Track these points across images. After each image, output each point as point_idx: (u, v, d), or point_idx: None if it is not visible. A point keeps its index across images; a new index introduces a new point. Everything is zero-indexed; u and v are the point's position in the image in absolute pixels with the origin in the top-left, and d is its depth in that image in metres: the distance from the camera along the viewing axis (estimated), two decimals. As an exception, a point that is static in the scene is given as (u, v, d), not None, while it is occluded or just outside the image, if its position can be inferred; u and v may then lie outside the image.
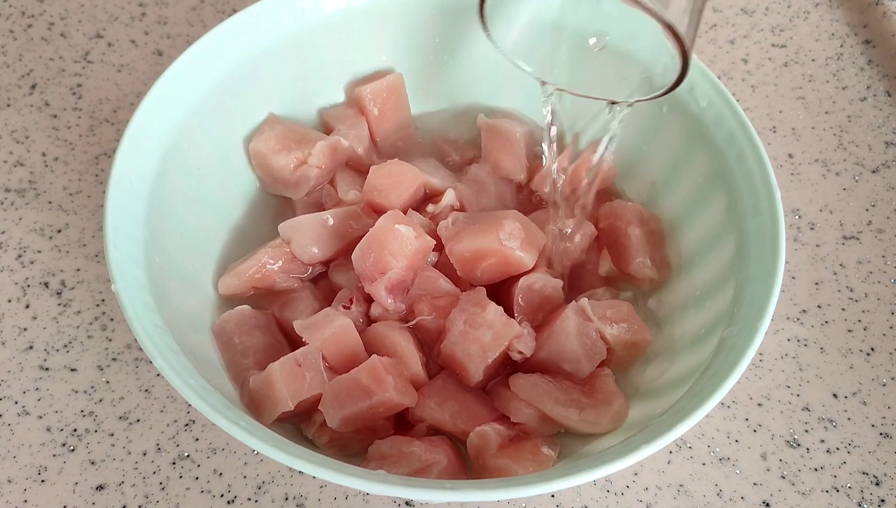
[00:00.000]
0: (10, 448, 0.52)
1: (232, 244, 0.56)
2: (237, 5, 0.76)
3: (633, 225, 0.55)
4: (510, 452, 0.47)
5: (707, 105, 0.53)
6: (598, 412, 0.48)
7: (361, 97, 0.60)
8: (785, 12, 0.78)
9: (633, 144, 0.60)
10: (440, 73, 0.64)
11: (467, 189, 0.56)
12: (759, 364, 0.57)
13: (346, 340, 0.48)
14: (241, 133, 0.58)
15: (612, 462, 0.38)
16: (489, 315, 0.48)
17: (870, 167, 0.67)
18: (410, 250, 0.49)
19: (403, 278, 0.50)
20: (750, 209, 0.49)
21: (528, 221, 0.52)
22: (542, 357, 0.50)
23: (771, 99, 0.72)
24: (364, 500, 0.51)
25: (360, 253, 0.49)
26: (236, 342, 0.50)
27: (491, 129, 0.59)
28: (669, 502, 0.51)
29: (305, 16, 0.56)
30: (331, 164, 0.57)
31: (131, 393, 0.54)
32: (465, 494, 0.38)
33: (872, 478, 0.53)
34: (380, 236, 0.48)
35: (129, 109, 0.68)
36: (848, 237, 0.63)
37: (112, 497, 0.50)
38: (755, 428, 0.54)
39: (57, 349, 0.55)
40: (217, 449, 0.52)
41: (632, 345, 0.51)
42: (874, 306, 0.60)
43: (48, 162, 0.64)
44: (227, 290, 0.53)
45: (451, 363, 0.49)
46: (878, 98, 0.72)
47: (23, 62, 0.70)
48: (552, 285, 0.52)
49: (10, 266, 0.59)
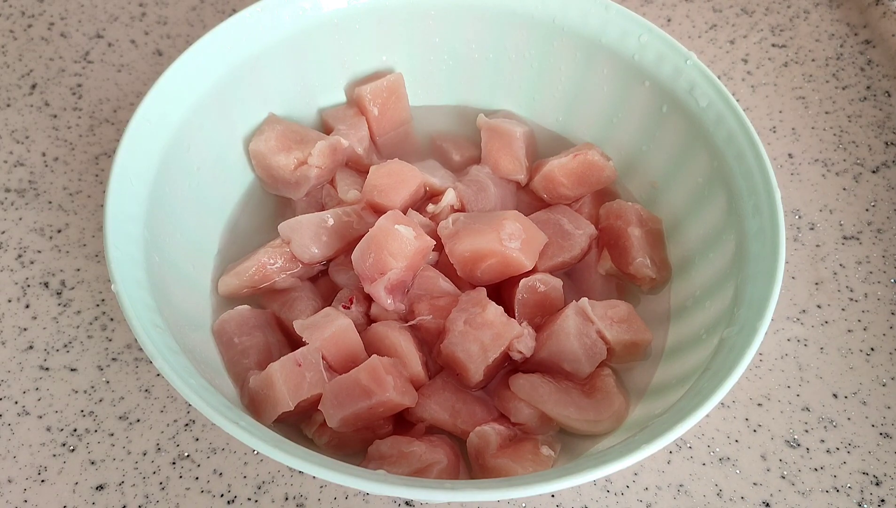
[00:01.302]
0: (10, 447, 0.52)
1: (232, 244, 0.56)
2: (237, 5, 0.76)
3: (633, 225, 0.55)
4: (510, 452, 0.47)
5: (707, 105, 0.53)
6: (598, 412, 0.48)
7: (361, 97, 0.60)
8: (785, 12, 0.78)
9: (633, 144, 0.60)
10: (440, 73, 0.64)
11: (467, 189, 0.56)
12: (759, 364, 0.57)
13: (346, 340, 0.48)
14: (241, 133, 0.58)
15: (612, 462, 0.38)
16: (489, 315, 0.48)
17: (870, 167, 0.67)
18: (410, 250, 0.49)
19: (403, 278, 0.50)
20: (750, 209, 0.49)
21: (529, 221, 0.52)
22: (543, 357, 0.50)
23: (771, 99, 0.72)
24: (364, 500, 0.51)
25: (359, 253, 0.49)
26: (236, 342, 0.50)
27: (491, 129, 0.59)
28: (669, 502, 0.51)
29: (305, 16, 0.56)
30: (331, 164, 0.57)
31: (131, 393, 0.54)
32: (465, 494, 0.38)
33: (872, 478, 0.53)
34: (379, 236, 0.48)
35: (129, 109, 0.68)
36: (848, 237, 0.63)
37: (112, 497, 0.50)
38: (755, 428, 0.54)
39: (57, 349, 0.55)
40: (217, 449, 0.52)
41: (632, 345, 0.51)
42: (874, 306, 0.60)
43: (48, 162, 0.64)
44: (227, 290, 0.53)
45: (451, 362, 0.49)
46: (878, 98, 0.72)
47: (23, 62, 0.70)
48: (552, 286, 0.52)
49: (10, 266, 0.59)
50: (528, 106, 0.64)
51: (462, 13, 0.59)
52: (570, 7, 0.57)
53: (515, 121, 0.61)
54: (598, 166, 0.57)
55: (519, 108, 0.64)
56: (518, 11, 0.58)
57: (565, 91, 0.61)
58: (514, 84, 0.63)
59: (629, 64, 0.56)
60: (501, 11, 0.59)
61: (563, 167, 0.57)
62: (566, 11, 0.57)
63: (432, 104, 0.65)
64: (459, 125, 0.65)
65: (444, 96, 0.65)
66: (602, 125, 0.61)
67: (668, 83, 0.55)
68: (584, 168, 0.57)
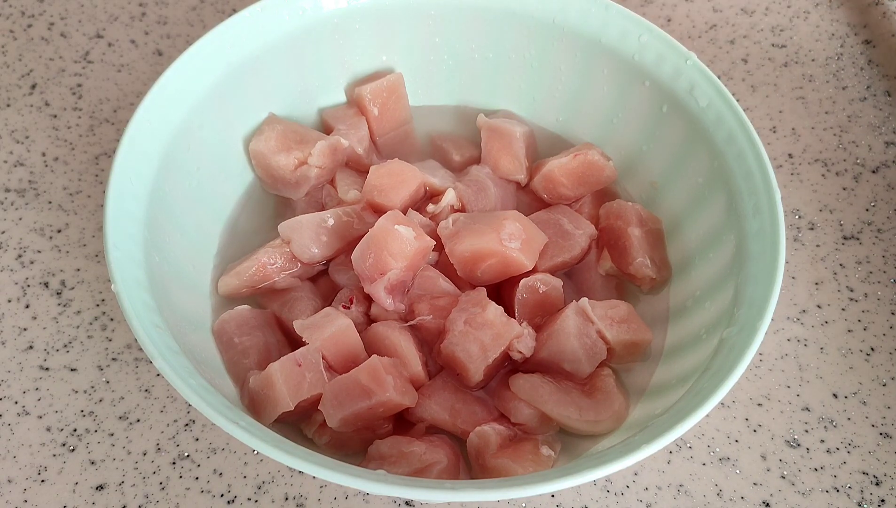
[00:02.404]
0: (10, 447, 0.52)
1: (232, 244, 0.56)
2: (237, 5, 0.76)
3: (633, 225, 0.55)
4: (510, 452, 0.47)
5: (707, 105, 0.53)
6: (598, 412, 0.48)
7: (361, 97, 0.60)
8: (785, 12, 0.78)
9: (633, 144, 0.60)
10: (440, 73, 0.64)
11: (467, 189, 0.56)
12: (759, 364, 0.57)
13: (346, 340, 0.48)
14: (241, 133, 0.58)
15: (612, 462, 0.38)
16: (489, 315, 0.48)
17: (870, 167, 0.67)
18: (410, 250, 0.49)
19: (403, 278, 0.50)
20: (750, 209, 0.49)
21: (529, 221, 0.52)
22: (543, 357, 0.50)
23: (771, 99, 0.71)
24: (364, 500, 0.51)
25: (359, 253, 0.49)
26: (236, 342, 0.50)
27: (491, 129, 0.59)
28: (669, 502, 0.51)
29: (305, 16, 0.56)
30: (331, 164, 0.57)
31: (131, 393, 0.54)
32: (465, 494, 0.38)
33: (872, 478, 0.53)
34: (379, 236, 0.48)
35: (129, 109, 0.68)
36: (848, 237, 0.63)
37: (112, 497, 0.50)
38: (755, 428, 0.54)
39: (57, 349, 0.55)
40: (217, 449, 0.52)
41: (632, 345, 0.51)
42: (874, 306, 0.60)
43: (48, 162, 0.64)
44: (227, 290, 0.53)
45: (452, 363, 0.49)
46: (878, 98, 0.72)
47: (23, 62, 0.70)
48: (553, 286, 0.52)
49: (10, 266, 0.59)
50: (528, 106, 0.64)
51: (462, 13, 0.59)
52: (570, 7, 0.57)
53: (515, 121, 0.61)
54: (598, 166, 0.57)
55: (519, 108, 0.64)
56: (518, 11, 0.58)
57: (565, 91, 0.61)
58: (514, 84, 0.63)
59: (629, 64, 0.56)
60: (501, 11, 0.59)
61: (563, 167, 0.57)
62: (566, 11, 0.57)
63: (432, 104, 0.65)
64: (459, 125, 0.65)
65: (444, 96, 0.65)
66: (602, 125, 0.61)
67: (668, 83, 0.55)
68: (584, 168, 0.57)
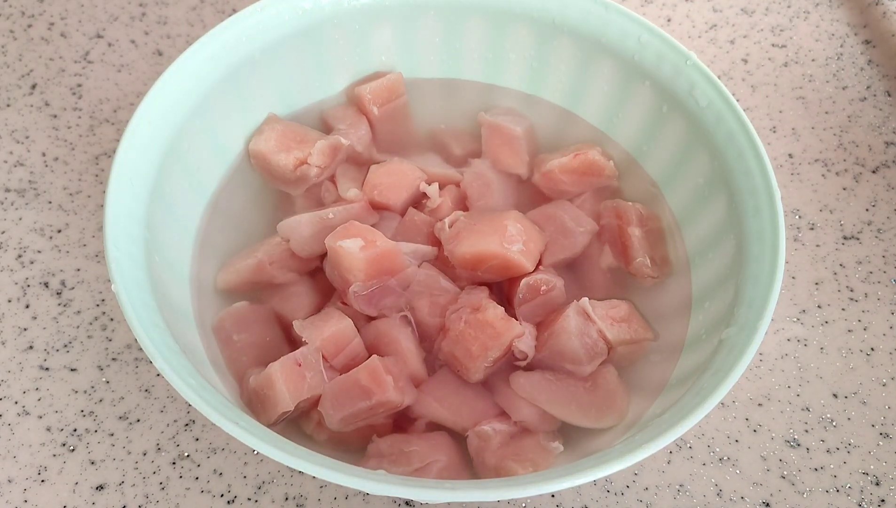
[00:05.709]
0: (10, 447, 0.52)
1: (232, 244, 0.56)
2: (237, 5, 0.76)
3: (633, 225, 0.55)
4: (511, 451, 0.47)
5: (707, 105, 0.53)
6: (600, 409, 0.48)
7: (361, 97, 0.60)
8: (785, 12, 0.78)
9: (633, 144, 0.60)
10: (440, 72, 0.64)
11: (472, 185, 0.56)
12: (759, 364, 0.57)
13: (346, 340, 0.48)
14: (241, 133, 0.58)
15: (612, 462, 0.38)
16: (489, 315, 0.48)
17: (870, 167, 0.67)
18: (361, 263, 0.48)
19: (375, 287, 0.49)
20: (750, 209, 0.49)
21: (529, 222, 0.52)
22: (543, 356, 0.50)
23: (771, 99, 0.71)
24: (364, 500, 0.51)
25: (328, 270, 0.49)
26: (235, 339, 0.50)
27: (492, 126, 0.59)
28: (669, 502, 0.51)
29: (305, 15, 0.56)
30: (331, 163, 0.57)
31: (131, 393, 0.54)
32: (465, 494, 0.38)
33: (872, 478, 0.53)
34: (331, 255, 0.49)
35: (129, 109, 0.68)
36: (848, 237, 0.63)
37: (112, 497, 0.50)
38: (755, 428, 0.54)
39: (57, 349, 0.55)
40: (217, 449, 0.52)
41: (633, 344, 0.51)
42: (874, 306, 0.60)
43: (48, 162, 0.64)
44: (227, 285, 0.53)
45: (452, 362, 0.49)
46: (878, 98, 0.72)
47: (23, 62, 0.70)
48: (554, 285, 0.52)
49: (10, 266, 0.59)
50: (527, 106, 0.64)
51: (462, 13, 0.59)
52: (569, 7, 0.57)
53: (516, 117, 0.61)
54: (598, 166, 0.57)
55: (519, 107, 0.64)
56: (518, 11, 0.58)
57: (565, 91, 0.61)
58: (514, 84, 0.63)
59: (629, 64, 0.56)
60: (501, 11, 0.59)
61: (564, 167, 0.57)
62: (566, 11, 0.57)
63: (432, 103, 0.65)
64: (459, 123, 0.65)
65: (444, 95, 0.65)
66: (602, 125, 0.61)
67: (668, 83, 0.55)
68: (585, 168, 0.57)
